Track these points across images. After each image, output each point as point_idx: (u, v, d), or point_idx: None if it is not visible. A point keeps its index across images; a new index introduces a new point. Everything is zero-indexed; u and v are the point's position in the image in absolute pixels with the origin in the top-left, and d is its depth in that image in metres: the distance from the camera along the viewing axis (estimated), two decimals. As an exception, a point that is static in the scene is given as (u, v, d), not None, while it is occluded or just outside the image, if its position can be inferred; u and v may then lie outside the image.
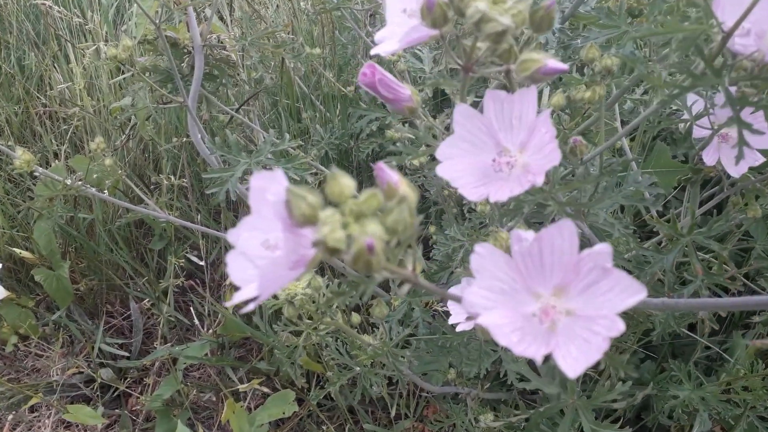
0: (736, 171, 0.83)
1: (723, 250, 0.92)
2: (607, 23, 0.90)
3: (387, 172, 0.39)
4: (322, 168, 1.37)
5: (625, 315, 1.01)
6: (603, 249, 0.41)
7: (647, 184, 0.81)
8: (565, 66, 0.47)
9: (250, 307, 0.38)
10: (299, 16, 1.87)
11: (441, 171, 0.55)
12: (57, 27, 1.93)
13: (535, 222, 0.91)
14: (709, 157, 0.86)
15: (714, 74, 0.62)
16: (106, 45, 1.73)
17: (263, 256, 0.41)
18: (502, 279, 0.43)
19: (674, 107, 1.00)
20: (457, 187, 0.54)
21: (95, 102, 1.90)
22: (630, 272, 0.92)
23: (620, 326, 0.39)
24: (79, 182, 1.12)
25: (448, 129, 0.69)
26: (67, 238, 1.70)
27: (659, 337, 0.95)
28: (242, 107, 1.49)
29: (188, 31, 1.25)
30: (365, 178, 1.80)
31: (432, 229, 1.36)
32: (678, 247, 0.87)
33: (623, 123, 1.12)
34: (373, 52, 0.55)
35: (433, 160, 0.58)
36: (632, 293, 0.39)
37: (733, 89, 0.71)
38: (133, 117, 1.69)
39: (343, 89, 1.60)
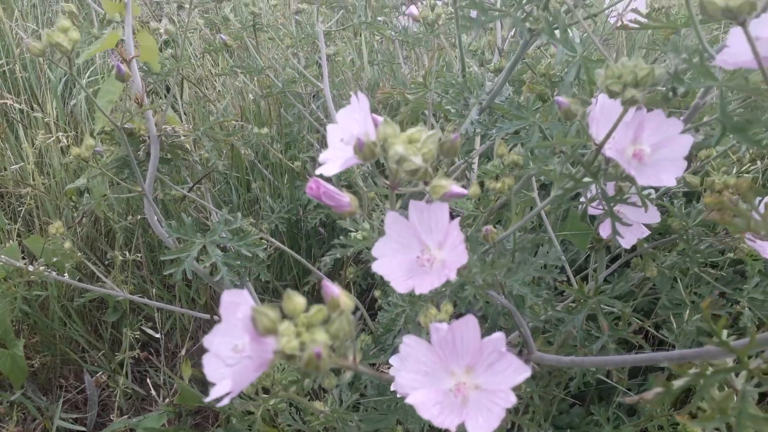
0: (626, 243, 0.99)
1: (625, 308, 1.07)
2: (518, 115, 1.06)
3: (330, 287, 0.51)
4: (273, 240, 1.48)
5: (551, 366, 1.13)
6: (498, 337, 0.53)
7: (554, 258, 0.96)
8: (465, 191, 0.61)
9: (225, 401, 0.48)
10: (245, 95, 2.00)
11: (376, 267, 0.67)
12: (7, 110, 1.99)
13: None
14: (604, 231, 1.01)
15: (592, 177, 0.77)
16: (57, 127, 1.80)
17: (233, 357, 0.51)
18: (426, 363, 0.55)
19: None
20: (389, 281, 0.66)
21: (45, 179, 1.95)
22: (547, 331, 1.06)
23: (512, 399, 0.51)
24: (42, 267, 1.18)
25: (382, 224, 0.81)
26: (20, 315, 1.72)
27: (576, 387, 1.08)
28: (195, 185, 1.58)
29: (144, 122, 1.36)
30: (314, 243, 1.91)
31: (377, 293, 1.47)
32: (586, 308, 1.01)
33: (543, 186, 1.28)
34: (317, 172, 0.67)
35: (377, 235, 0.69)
36: (521, 372, 0.52)
37: (612, 185, 0.87)
38: (86, 193, 1.75)
39: (290, 164, 1.72)
